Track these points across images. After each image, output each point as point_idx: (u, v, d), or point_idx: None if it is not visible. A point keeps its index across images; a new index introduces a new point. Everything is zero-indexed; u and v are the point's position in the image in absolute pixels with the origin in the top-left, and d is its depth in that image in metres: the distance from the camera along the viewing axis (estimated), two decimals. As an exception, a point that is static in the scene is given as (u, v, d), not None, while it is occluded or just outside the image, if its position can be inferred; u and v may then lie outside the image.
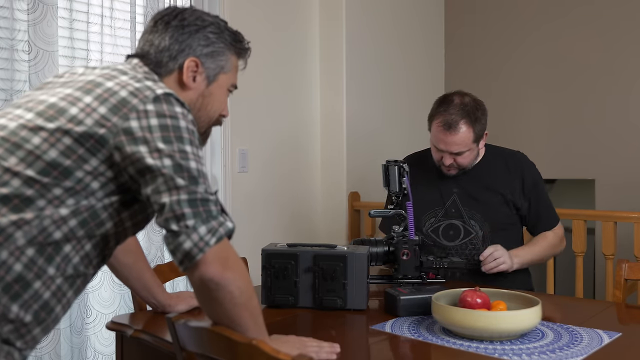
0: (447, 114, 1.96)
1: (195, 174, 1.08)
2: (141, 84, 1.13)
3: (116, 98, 1.10)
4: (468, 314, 1.34)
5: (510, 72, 3.82)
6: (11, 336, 1.08)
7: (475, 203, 2.05)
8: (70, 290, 1.15)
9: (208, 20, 1.26)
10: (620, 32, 3.43)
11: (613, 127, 3.45)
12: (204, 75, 1.26)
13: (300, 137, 3.35)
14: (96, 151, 1.07)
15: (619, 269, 1.83)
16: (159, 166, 1.06)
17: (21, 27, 2.20)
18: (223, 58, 1.28)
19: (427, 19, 3.95)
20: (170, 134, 1.08)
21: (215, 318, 1.11)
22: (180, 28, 1.23)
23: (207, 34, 1.25)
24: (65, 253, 1.10)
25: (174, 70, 1.24)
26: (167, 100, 1.11)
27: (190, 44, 1.24)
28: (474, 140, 1.99)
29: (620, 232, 2.78)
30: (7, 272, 1.04)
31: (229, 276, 1.06)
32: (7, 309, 1.05)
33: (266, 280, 1.66)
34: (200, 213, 1.05)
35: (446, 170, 2.06)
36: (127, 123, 1.07)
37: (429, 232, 2.09)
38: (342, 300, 1.62)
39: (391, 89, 3.63)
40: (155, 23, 1.26)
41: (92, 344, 2.44)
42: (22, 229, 1.04)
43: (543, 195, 2.10)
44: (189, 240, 1.04)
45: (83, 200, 1.08)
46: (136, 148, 1.07)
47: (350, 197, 3.33)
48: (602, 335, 1.38)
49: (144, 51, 1.25)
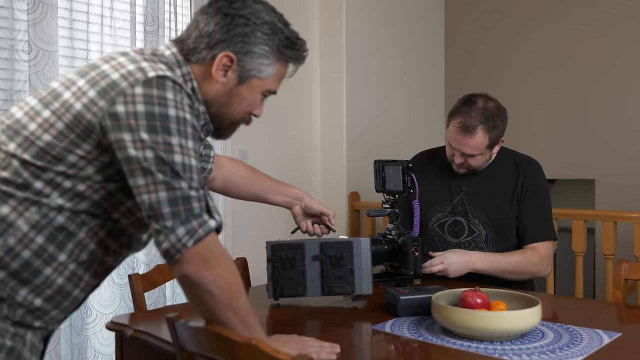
0: (468, 116, 1.95)
1: (178, 169, 1.03)
2: (135, 66, 1.07)
3: (106, 81, 1.06)
4: (468, 314, 1.34)
5: (510, 72, 3.82)
6: (27, 318, 1.09)
7: (482, 203, 2.05)
8: (87, 274, 1.15)
9: (264, 18, 1.17)
10: (620, 32, 3.43)
11: (613, 127, 3.45)
12: (236, 74, 1.18)
13: (301, 137, 3.35)
14: (86, 137, 1.05)
15: (619, 269, 1.83)
16: (140, 158, 1.02)
17: (21, 27, 2.20)
18: (264, 62, 1.19)
19: (427, 19, 3.95)
20: (157, 123, 1.03)
21: (200, 314, 1.12)
22: (230, 18, 1.15)
23: (256, 32, 1.16)
24: (80, 239, 1.10)
25: (207, 59, 1.16)
26: (160, 84, 1.05)
27: (233, 37, 1.15)
28: (487, 146, 1.98)
29: (620, 232, 2.78)
30: (13, 258, 1.05)
31: (207, 275, 1.05)
32: (15, 292, 1.06)
33: (273, 272, 1.65)
34: (180, 213, 1.03)
35: (456, 168, 2.07)
36: (113, 107, 1.03)
37: (434, 226, 2.10)
38: (350, 287, 1.64)
39: (391, 90, 3.63)
40: (210, 4, 1.18)
41: (92, 344, 2.44)
42: (24, 216, 1.05)
43: (540, 203, 2.04)
44: (167, 241, 1.03)
45: (79, 185, 1.07)
46: (120, 135, 1.03)
47: (350, 197, 3.33)
48: (602, 335, 1.38)
49: (188, 33, 1.18)
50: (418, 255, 1.79)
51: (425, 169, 2.14)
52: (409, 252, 1.79)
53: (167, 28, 2.70)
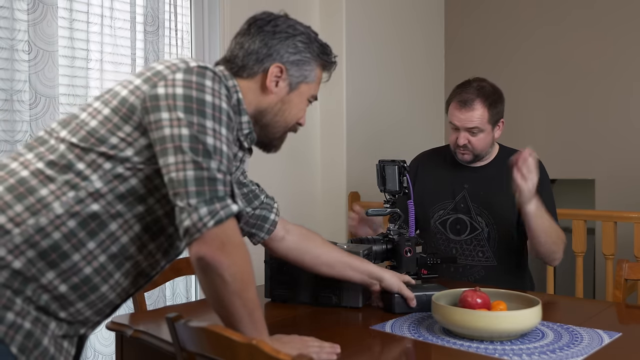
0: (465, 92, 2.02)
1: (210, 149, 1.08)
2: (180, 61, 1.16)
3: (152, 72, 1.15)
4: (468, 314, 1.34)
5: (510, 74, 3.82)
6: (52, 305, 1.10)
7: (484, 200, 2.06)
8: (118, 272, 1.16)
9: (300, 29, 1.29)
10: (620, 35, 3.44)
11: (613, 127, 3.46)
12: (287, 82, 1.29)
13: (301, 137, 3.34)
14: (128, 119, 1.12)
15: (619, 269, 1.83)
16: (175, 136, 1.07)
17: (21, 27, 2.20)
18: (308, 68, 1.30)
19: (427, 20, 3.95)
20: (193, 105, 1.09)
21: (210, 302, 1.12)
22: (272, 34, 1.27)
23: (296, 43, 1.28)
24: (112, 231, 1.12)
25: (258, 73, 1.27)
26: (200, 73, 1.12)
27: (278, 49, 1.27)
28: (489, 120, 2.00)
29: (620, 232, 2.78)
30: (43, 238, 1.07)
31: (223, 260, 1.06)
32: (41, 274, 1.08)
33: (268, 274, 1.72)
34: (205, 192, 1.06)
35: (461, 156, 2.06)
36: (155, 90, 1.11)
37: (436, 224, 2.11)
38: (338, 298, 1.65)
39: (391, 90, 3.64)
40: (249, 26, 1.29)
41: (92, 344, 2.44)
42: (60, 200, 1.09)
43: (545, 198, 1.99)
44: (189, 219, 1.05)
45: (119, 166, 1.11)
46: (159, 115, 1.09)
47: (350, 197, 3.33)
48: (602, 335, 1.38)
49: (233, 54, 1.29)
50: (411, 256, 1.79)
51: (427, 168, 2.17)
52: (402, 252, 1.80)
53: (167, 28, 2.70)
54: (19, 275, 1.06)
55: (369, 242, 1.84)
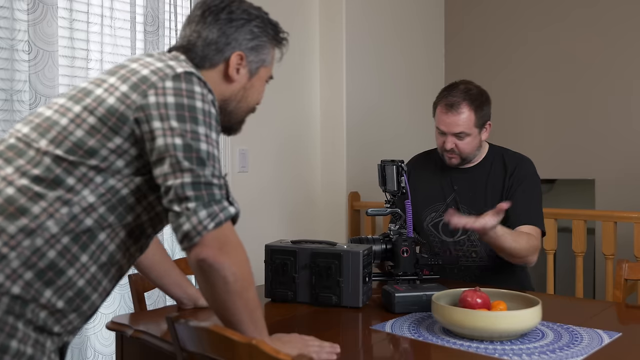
0: (451, 96, 2.01)
1: (203, 156, 1.09)
2: (163, 64, 1.15)
3: (137, 76, 1.13)
4: (468, 314, 1.34)
5: (510, 73, 3.82)
6: (48, 322, 1.10)
7: (474, 201, 2.06)
8: (105, 279, 1.17)
9: (254, 13, 1.29)
10: (620, 34, 3.43)
11: (613, 127, 3.45)
12: (247, 69, 1.29)
13: (301, 137, 3.35)
14: (118, 129, 1.10)
15: (619, 269, 1.84)
16: (169, 145, 1.07)
17: (21, 27, 2.19)
18: (265, 51, 1.31)
19: (427, 19, 3.95)
20: (185, 113, 1.09)
21: (211, 304, 1.13)
22: (229, 22, 1.26)
23: (252, 28, 1.28)
24: (100, 241, 1.12)
25: (219, 63, 1.27)
26: (187, 79, 1.12)
27: (237, 37, 1.27)
28: (475, 124, 2.00)
29: (620, 232, 2.78)
30: (40, 258, 1.06)
31: (224, 260, 1.07)
32: (40, 294, 1.07)
33: (268, 275, 1.72)
34: (203, 197, 1.07)
35: (448, 160, 2.07)
36: (146, 100, 1.10)
37: (429, 226, 2.11)
38: (337, 297, 1.65)
39: (391, 90, 3.63)
40: (203, 13, 1.27)
41: (92, 344, 2.44)
42: (54, 217, 1.07)
43: (527, 193, 2.00)
44: (188, 223, 1.06)
45: (110, 179, 1.10)
46: (152, 125, 1.09)
47: (350, 197, 3.33)
48: (602, 335, 1.38)
49: (191, 43, 1.27)
50: (408, 256, 1.79)
51: (420, 170, 2.18)
52: (399, 252, 1.80)
53: (167, 28, 2.70)
54: (19, 299, 1.06)
55: (369, 242, 1.85)
